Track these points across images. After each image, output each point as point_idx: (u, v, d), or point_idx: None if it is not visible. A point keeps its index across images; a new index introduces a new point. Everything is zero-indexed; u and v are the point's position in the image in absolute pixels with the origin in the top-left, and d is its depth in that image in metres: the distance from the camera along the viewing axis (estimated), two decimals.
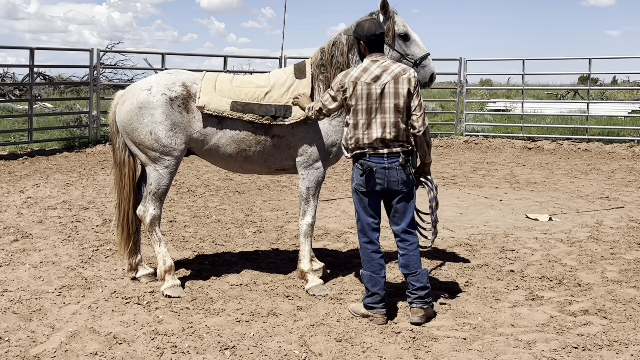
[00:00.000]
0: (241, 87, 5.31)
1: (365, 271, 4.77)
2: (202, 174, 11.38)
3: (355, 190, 4.74)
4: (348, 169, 12.29)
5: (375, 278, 4.73)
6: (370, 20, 4.72)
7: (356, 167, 4.68)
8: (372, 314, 4.71)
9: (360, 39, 4.69)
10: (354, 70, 4.65)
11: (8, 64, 27.08)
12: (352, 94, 4.59)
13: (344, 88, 4.63)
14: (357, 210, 4.79)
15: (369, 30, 4.64)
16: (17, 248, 6.49)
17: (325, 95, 4.80)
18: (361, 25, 4.70)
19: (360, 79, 4.58)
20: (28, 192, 9.36)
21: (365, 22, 4.69)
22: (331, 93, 4.74)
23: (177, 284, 5.26)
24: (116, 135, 5.39)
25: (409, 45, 5.25)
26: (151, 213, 5.31)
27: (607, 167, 12.82)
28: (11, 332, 4.43)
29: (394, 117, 4.59)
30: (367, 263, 4.77)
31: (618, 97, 25.75)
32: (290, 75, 5.39)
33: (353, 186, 4.74)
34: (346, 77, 4.64)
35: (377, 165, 4.60)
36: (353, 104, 4.61)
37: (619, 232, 7.52)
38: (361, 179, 4.64)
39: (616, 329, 4.59)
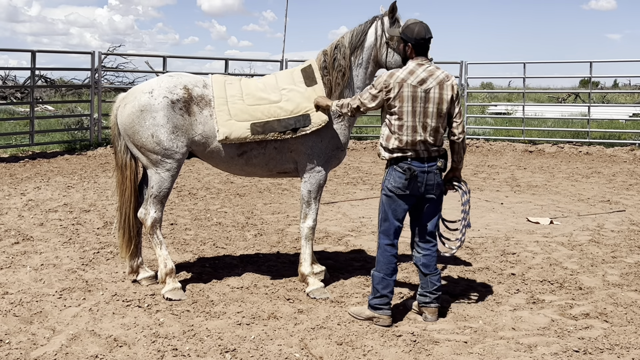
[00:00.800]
0: (255, 105, 5.24)
1: (378, 272, 4.73)
2: (203, 177, 11.38)
3: (389, 192, 4.69)
4: (349, 172, 12.29)
5: (387, 280, 4.71)
6: (420, 23, 4.66)
7: (395, 170, 4.63)
8: (379, 315, 4.69)
9: (409, 41, 4.65)
10: (400, 72, 4.60)
11: (10, 67, 27.20)
12: (397, 95, 4.55)
13: (389, 88, 4.58)
14: (385, 212, 4.74)
15: (419, 34, 4.61)
16: (18, 250, 6.50)
17: (365, 94, 4.73)
18: (410, 28, 4.65)
19: (406, 80, 4.55)
20: (29, 195, 9.36)
21: (415, 25, 4.65)
22: (372, 92, 4.67)
23: (178, 286, 5.26)
24: (118, 138, 5.40)
25: None
26: (152, 216, 5.31)
27: (608, 170, 12.82)
28: (12, 334, 4.43)
29: (436, 122, 4.60)
30: (383, 265, 4.73)
31: (619, 100, 25.77)
32: (300, 84, 5.35)
33: (388, 188, 4.68)
34: (391, 77, 4.59)
35: (417, 169, 4.61)
36: (397, 106, 4.56)
37: (620, 235, 7.52)
38: (402, 182, 4.61)
39: (617, 333, 4.59)
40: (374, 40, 5.32)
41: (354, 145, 16.20)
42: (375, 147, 16.25)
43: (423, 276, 4.84)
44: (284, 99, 5.26)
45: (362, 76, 5.42)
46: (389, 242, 4.75)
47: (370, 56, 5.37)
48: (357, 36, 5.35)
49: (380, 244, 4.78)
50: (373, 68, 5.44)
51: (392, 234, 4.75)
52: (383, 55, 5.32)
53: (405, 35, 4.67)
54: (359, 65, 5.38)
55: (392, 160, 4.67)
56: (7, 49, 16.12)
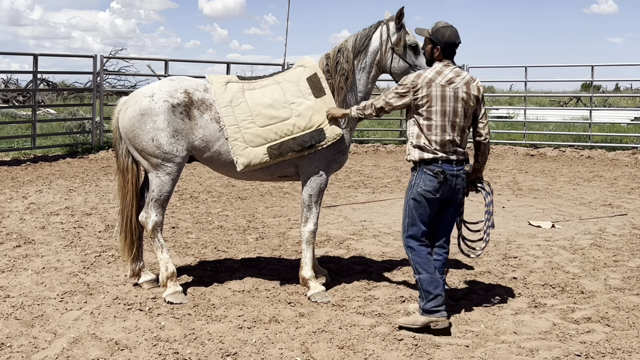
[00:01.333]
0: (268, 125, 5.17)
1: (424, 275, 4.64)
2: (205, 180, 11.39)
3: (419, 196, 4.64)
4: (351, 175, 12.29)
5: (436, 279, 4.64)
6: (451, 27, 4.67)
7: (425, 173, 4.61)
8: (436, 318, 4.58)
9: (438, 44, 4.65)
10: (427, 72, 4.61)
11: (12, 70, 27.24)
12: (426, 95, 4.55)
13: (417, 88, 4.57)
14: (411, 217, 4.69)
15: (449, 38, 4.62)
16: (19, 254, 6.50)
17: (390, 94, 4.72)
18: (441, 32, 4.64)
19: (435, 80, 4.56)
20: (31, 198, 9.37)
21: (446, 29, 4.65)
22: (399, 91, 4.66)
23: (179, 290, 5.26)
24: (119, 142, 5.40)
25: (417, 56, 5.26)
26: (153, 219, 5.31)
27: (610, 174, 12.81)
28: (13, 338, 4.43)
29: (463, 122, 4.63)
30: (425, 265, 4.65)
31: (621, 104, 25.76)
32: (309, 96, 5.28)
33: (417, 192, 4.64)
34: (419, 78, 4.59)
35: (447, 172, 4.60)
36: (426, 105, 4.56)
37: (622, 239, 7.51)
38: (433, 185, 4.59)
39: (619, 337, 4.58)
40: (379, 45, 5.31)
41: (356, 149, 16.19)
42: (377, 150, 16.24)
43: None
44: (294, 114, 5.22)
45: (365, 80, 5.41)
46: (421, 242, 4.71)
47: (373, 60, 5.37)
48: (361, 40, 5.35)
49: (412, 246, 4.70)
50: (376, 72, 5.43)
51: (421, 235, 4.71)
52: (388, 60, 5.31)
53: (436, 38, 4.65)
54: (362, 69, 5.38)
55: (422, 163, 4.63)
56: (9, 52, 16.25)
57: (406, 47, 5.25)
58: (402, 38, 5.23)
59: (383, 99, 4.77)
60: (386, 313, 5.01)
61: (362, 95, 5.43)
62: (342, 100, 5.35)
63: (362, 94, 5.42)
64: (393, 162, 14.43)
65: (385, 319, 4.90)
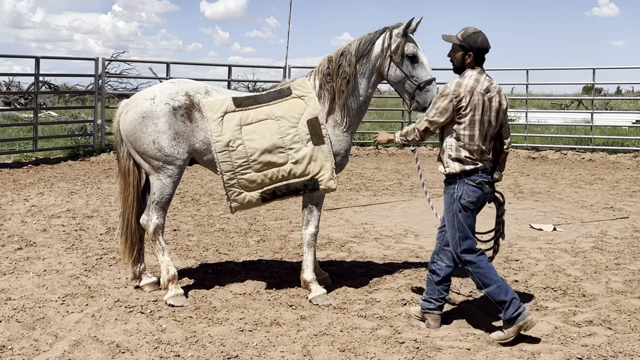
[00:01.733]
0: (263, 170, 5.13)
1: (491, 287, 4.50)
2: (206, 183, 11.39)
3: (464, 208, 4.52)
4: (352, 178, 12.29)
5: (505, 285, 4.51)
6: (481, 33, 4.55)
7: (467, 184, 4.50)
8: (525, 321, 4.44)
9: (470, 50, 4.52)
10: (467, 80, 4.47)
11: (14, 73, 27.29)
12: (469, 104, 4.42)
13: (459, 97, 4.42)
14: (464, 229, 4.54)
15: (482, 44, 4.51)
16: (21, 256, 6.50)
17: (432, 111, 4.51)
18: (473, 37, 4.51)
19: (475, 88, 4.43)
20: (32, 201, 9.38)
21: (478, 35, 4.52)
22: (442, 104, 4.47)
23: (180, 293, 5.26)
24: (120, 145, 5.41)
25: (415, 67, 5.18)
26: (155, 222, 5.31)
27: (611, 177, 12.80)
28: (14, 340, 4.43)
29: (493, 131, 4.57)
30: (490, 274, 4.51)
31: (622, 107, 25.74)
32: (308, 143, 5.19)
33: (462, 204, 4.51)
34: (460, 87, 4.44)
35: (488, 181, 4.57)
36: (469, 115, 4.44)
37: (624, 242, 7.50)
38: (477, 195, 4.51)
39: (621, 340, 4.57)
40: (380, 51, 5.27)
41: (357, 152, 16.20)
42: (378, 153, 16.24)
43: (434, 284, 4.78)
44: (290, 160, 5.16)
45: (366, 85, 5.39)
46: (478, 253, 4.57)
47: (375, 66, 5.33)
48: (364, 44, 5.31)
49: (472, 259, 4.54)
50: (377, 78, 5.40)
51: (475, 247, 4.58)
52: (385, 67, 5.26)
53: (467, 44, 4.52)
54: (364, 74, 5.35)
55: (463, 174, 4.51)
56: (11, 55, 16.34)
57: (404, 56, 5.16)
58: (400, 47, 5.16)
59: (425, 119, 4.55)
60: (388, 316, 5.00)
61: (363, 99, 5.42)
62: (342, 104, 5.33)
63: (362, 97, 5.41)
64: (394, 165, 14.43)
65: (387, 322, 4.89)
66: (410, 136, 4.67)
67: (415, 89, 5.16)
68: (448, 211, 4.62)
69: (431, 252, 6.90)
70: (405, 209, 9.50)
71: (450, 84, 4.51)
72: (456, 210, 4.55)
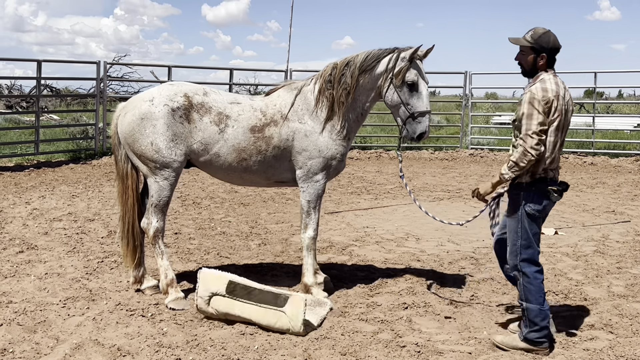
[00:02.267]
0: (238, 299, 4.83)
1: (534, 305, 4.35)
2: (207, 186, 11.40)
3: (530, 216, 4.35)
4: (353, 182, 12.29)
5: (545, 312, 4.37)
6: (552, 33, 4.32)
7: (536, 193, 4.32)
8: (538, 348, 4.38)
9: (543, 51, 4.29)
10: (549, 84, 4.23)
11: (15, 76, 27.42)
12: (557, 110, 4.21)
13: (549, 103, 4.18)
14: (528, 239, 4.37)
15: (555, 44, 4.30)
16: (22, 259, 6.51)
17: (533, 124, 4.16)
18: (545, 38, 4.29)
19: (559, 93, 4.23)
20: (34, 204, 9.39)
21: (549, 35, 4.30)
22: (539, 117, 4.15)
23: (180, 296, 5.26)
24: (118, 147, 5.41)
25: (413, 95, 5.12)
26: (154, 226, 5.32)
27: (613, 181, 12.79)
28: (15, 343, 4.43)
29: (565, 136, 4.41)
30: (537, 294, 4.36)
31: (624, 110, 25.74)
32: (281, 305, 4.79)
33: (527, 211, 4.34)
34: (547, 92, 4.19)
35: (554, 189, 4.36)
36: (556, 121, 4.24)
37: (625, 246, 7.49)
38: (545, 203, 4.35)
39: (622, 344, 4.56)
40: (384, 71, 5.23)
41: (358, 155, 16.20)
42: (380, 156, 16.23)
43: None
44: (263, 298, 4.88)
45: (364, 100, 5.38)
46: (538, 269, 4.40)
47: (376, 83, 5.30)
48: (370, 59, 5.27)
49: (528, 272, 4.37)
50: (376, 95, 5.37)
51: (537, 259, 4.42)
52: (384, 88, 5.23)
53: (539, 45, 4.29)
54: (364, 88, 5.33)
55: (537, 181, 4.32)
56: (12, 58, 16.23)
57: (404, 82, 5.12)
58: (403, 71, 5.12)
59: (530, 135, 4.15)
60: (389, 320, 5.00)
61: (360, 111, 5.42)
62: (341, 115, 5.33)
63: (360, 110, 5.41)
64: (396, 169, 14.42)
65: (388, 325, 4.89)
66: (523, 162, 4.20)
67: (408, 116, 5.15)
68: (512, 217, 4.45)
69: (432, 255, 6.92)
70: (406, 212, 9.49)
71: (533, 89, 4.23)
72: (522, 217, 4.37)
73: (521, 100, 4.32)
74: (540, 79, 4.30)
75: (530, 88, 4.25)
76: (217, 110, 5.27)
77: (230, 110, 5.31)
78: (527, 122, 4.18)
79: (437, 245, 7.48)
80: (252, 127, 5.29)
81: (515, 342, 4.45)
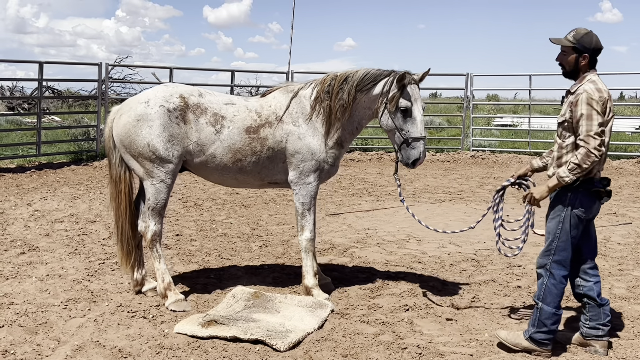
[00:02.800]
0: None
1: (549, 307, 4.33)
2: (209, 188, 11.40)
3: (575, 218, 4.28)
4: (355, 183, 12.29)
5: (557, 316, 4.36)
6: (594, 33, 4.27)
7: (583, 193, 4.24)
8: (542, 349, 4.36)
9: (586, 52, 4.25)
10: (599, 85, 4.18)
11: (17, 78, 27.35)
12: (611, 109, 4.18)
13: (605, 103, 4.15)
14: (566, 241, 4.31)
15: (597, 44, 4.26)
16: (23, 261, 6.51)
17: (594, 124, 4.08)
18: (587, 38, 4.25)
19: (609, 93, 4.20)
20: (35, 205, 9.39)
21: (592, 35, 4.26)
22: (598, 117, 4.09)
23: (180, 298, 5.26)
24: (113, 151, 5.41)
25: (407, 121, 5.10)
26: (152, 229, 5.31)
27: (614, 182, 12.76)
28: (17, 345, 4.43)
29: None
30: (555, 298, 4.34)
31: (625, 112, 25.72)
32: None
33: (575, 213, 4.27)
34: (601, 92, 4.14)
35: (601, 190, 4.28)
36: (610, 120, 4.21)
37: (627, 248, 7.48)
38: (591, 205, 4.29)
39: (624, 346, 4.56)
40: (379, 94, 5.22)
41: (360, 157, 16.20)
42: (381, 158, 16.22)
43: (596, 307, 4.44)
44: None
45: (359, 118, 5.39)
46: (566, 274, 4.37)
47: (371, 105, 5.30)
48: (368, 79, 5.26)
49: (556, 274, 4.34)
50: (370, 115, 5.37)
51: (569, 264, 4.38)
52: (379, 113, 5.23)
53: (582, 46, 4.24)
54: (361, 107, 5.34)
55: (586, 182, 4.23)
56: (14, 60, 16.31)
57: (397, 108, 5.10)
58: (396, 98, 5.10)
59: (593, 137, 4.07)
60: (390, 321, 4.99)
61: (356, 125, 5.43)
62: (336, 128, 5.32)
63: (356, 125, 5.42)
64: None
65: (389, 327, 4.88)
66: (586, 163, 4.09)
67: (402, 142, 5.14)
68: (553, 217, 4.38)
69: (433, 257, 6.92)
70: (407, 214, 9.47)
71: (588, 90, 4.15)
72: (565, 219, 4.30)
73: (576, 101, 4.18)
74: (590, 80, 4.23)
75: (585, 89, 4.17)
76: (212, 111, 5.28)
77: (225, 111, 5.32)
78: (587, 123, 4.10)
79: (438, 247, 7.48)
80: (248, 128, 5.30)
81: (519, 340, 4.42)
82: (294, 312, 5.00)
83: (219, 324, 4.68)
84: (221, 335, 4.56)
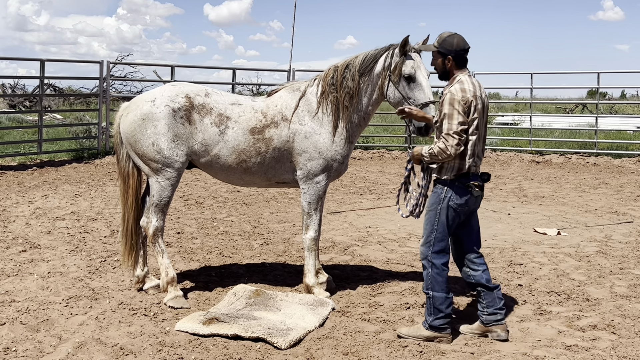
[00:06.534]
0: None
1: (440, 293, 4.54)
2: (210, 186, 11.41)
3: (451, 210, 4.50)
4: (356, 182, 12.29)
5: (450, 299, 4.59)
6: (457, 35, 4.52)
7: (457, 186, 4.48)
8: (442, 334, 4.57)
9: (448, 54, 4.50)
10: (466, 85, 4.42)
11: (18, 76, 27.40)
12: (475, 109, 4.39)
13: (468, 103, 4.37)
14: (443, 232, 4.53)
15: (459, 45, 4.49)
16: (25, 258, 6.52)
17: (454, 124, 4.33)
18: (448, 41, 4.50)
19: (476, 92, 4.42)
20: (37, 203, 9.40)
21: (453, 37, 4.50)
22: (459, 117, 4.33)
23: (179, 294, 5.27)
24: (120, 147, 5.43)
25: (413, 88, 5.06)
26: (154, 225, 5.33)
27: (615, 181, 12.77)
28: (18, 342, 4.44)
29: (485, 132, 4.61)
30: (443, 284, 4.56)
31: (627, 111, 25.71)
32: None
33: (450, 205, 4.49)
34: (465, 92, 4.37)
35: (479, 185, 4.52)
36: (476, 119, 4.41)
37: (628, 246, 7.48)
38: (465, 198, 4.50)
39: (625, 345, 4.56)
40: (381, 69, 5.21)
41: (361, 155, 16.20)
42: (382, 156, 16.23)
43: (489, 292, 4.66)
44: None
45: (367, 102, 5.36)
46: (446, 260, 4.59)
47: (376, 84, 5.27)
48: (368, 60, 5.25)
49: (438, 264, 4.55)
50: (378, 96, 5.32)
51: (448, 251, 4.63)
52: (385, 87, 5.19)
53: (444, 49, 4.51)
54: (366, 91, 5.31)
55: (460, 177, 4.50)
56: (16, 57, 16.27)
57: (401, 76, 5.07)
58: (398, 67, 5.08)
59: (452, 135, 4.32)
60: (391, 320, 5.00)
61: (363, 114, 5.40)
62: (347, 120, 5.32)
63: (363, 113, 5.38)
64: (398, 169, 14.41)
65: (390, 325, 4.89)
66: (441, 156, 4.39)
67: None
68: (431, 209, 4.59)
69: None
70: None
71: (452, 90, 4.40)
72: (441, 211, 4.53)
73: (442, 101, 4.46)
74: (458, 80, 4.48)
75: (450, 89, 4.42)
76: (217, 112, 5.28)
77: (231, 112, 5.32)
78: (448, 122, 4.37)
79: None
80: (252, 129, 5.30)
81: (420, 332, 4.60)
82: (295, 310, 5.01)
83: (220, 321, 4.69)
84: (222, 333, 4.58)
